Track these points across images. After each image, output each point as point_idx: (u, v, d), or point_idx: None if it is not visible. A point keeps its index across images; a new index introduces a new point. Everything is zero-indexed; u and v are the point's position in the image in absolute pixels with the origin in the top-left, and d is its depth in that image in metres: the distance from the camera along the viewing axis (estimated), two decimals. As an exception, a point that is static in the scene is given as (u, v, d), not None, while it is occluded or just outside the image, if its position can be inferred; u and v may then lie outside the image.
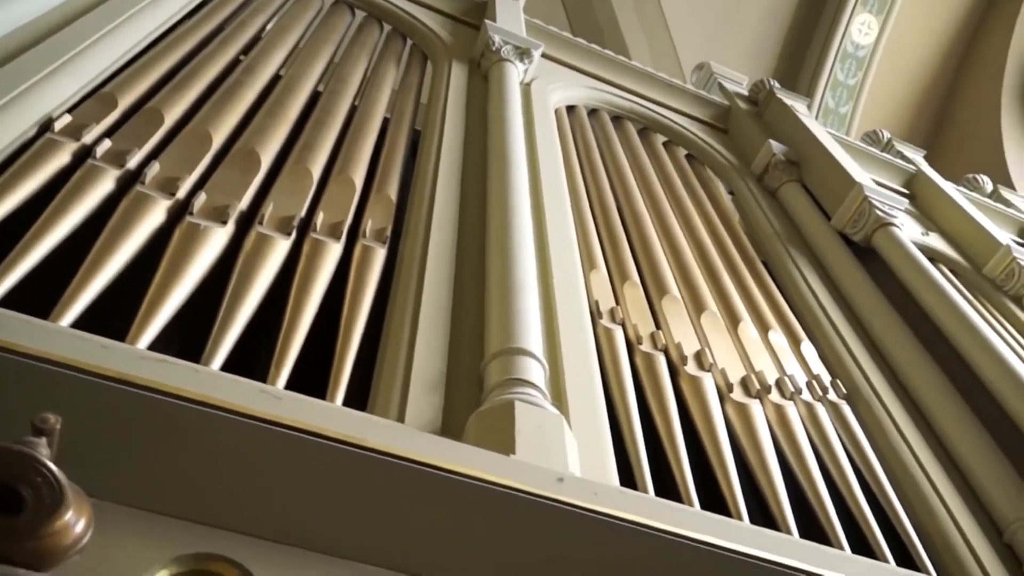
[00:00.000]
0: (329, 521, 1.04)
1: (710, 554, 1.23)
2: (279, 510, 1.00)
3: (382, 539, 1.04)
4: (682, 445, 1.87)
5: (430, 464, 1.03)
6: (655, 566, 1.20)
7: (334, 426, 1.03)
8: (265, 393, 1.05)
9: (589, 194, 3.05)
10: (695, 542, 1.19)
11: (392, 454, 1.01)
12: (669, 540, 1.17)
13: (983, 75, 8.28)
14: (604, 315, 2.21)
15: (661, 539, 1.16)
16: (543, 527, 1.08)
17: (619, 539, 1.13)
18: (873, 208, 3.34)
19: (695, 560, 1.22)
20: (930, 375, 2.59)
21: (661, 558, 1.19)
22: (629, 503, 1.12)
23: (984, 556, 2.00)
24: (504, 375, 1.56)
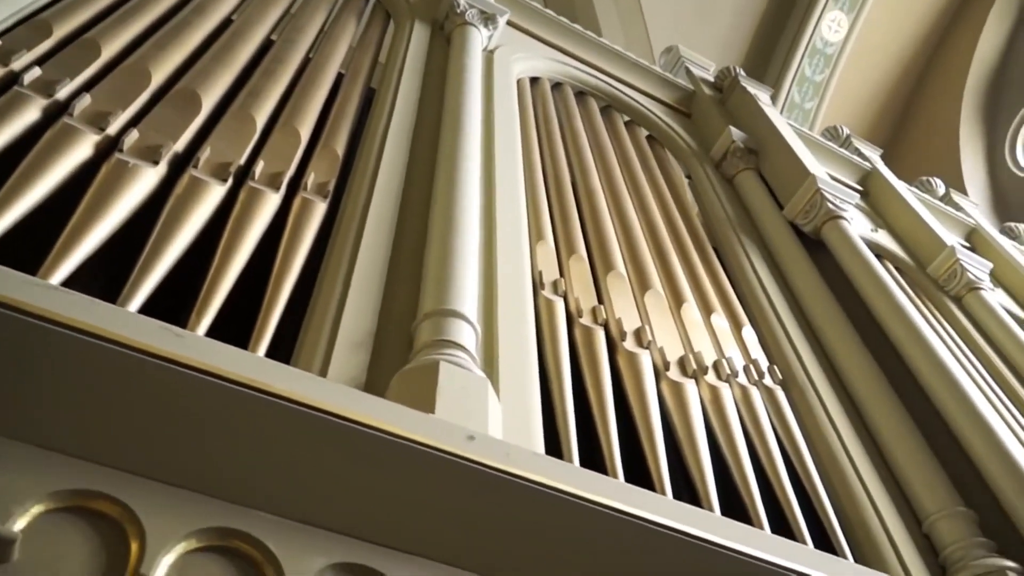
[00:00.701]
0: (231, 468, 1.01)
1: (627, 523, 1.22)
2: (174, 452, 0.97)
3: (284, 488, 1.01)
4: (612, 419, 1.87)
5: (336, 413, 1.00)
6: (571, 532, 1.19)
7: (236, 368, 0.99)
8: (165, 330, 1.00)
9: (544, 166, 3.02)
10: (611, 510, 1.18)
11: (298, 401, 0.98)
12: (585, 507, 1.16)
13: (946, 81, 8.42)
14: (547, 286, 2.19)
15: (577, 505, 1.15)
16: (454, 485, 1.06)
17: (533, 503, 1.12)
18: (824, 200, 3.36)
19: (612, 528, 1.21)
20: (865, 367, 2.63)
21: (577, 524, 1.18)
22: (542, 466, 1.10)
23: (901, 544, 2.04)
24: (434, 336, 1.53)
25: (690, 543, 1.32)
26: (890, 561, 1.97)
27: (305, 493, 1.00)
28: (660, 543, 1.27)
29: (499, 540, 1.11)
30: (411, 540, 1.05)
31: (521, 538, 1.14)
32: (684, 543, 1.30)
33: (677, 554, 1.30)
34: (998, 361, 3.29)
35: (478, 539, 1.10)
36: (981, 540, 2.06)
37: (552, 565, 1.19)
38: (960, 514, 2.11)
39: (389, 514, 1.04)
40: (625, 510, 1.17)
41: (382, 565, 1.00)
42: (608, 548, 1.24)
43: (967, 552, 2.02)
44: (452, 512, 1.08)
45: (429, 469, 1.03)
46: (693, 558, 1.34)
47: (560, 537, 1.19)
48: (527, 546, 1.15)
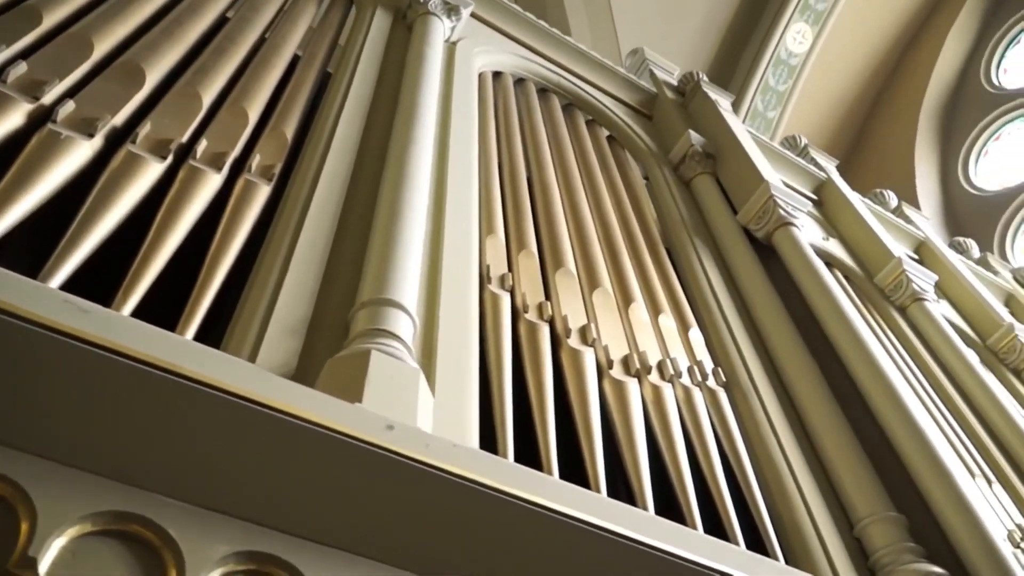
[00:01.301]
0: (132, 448, 0.97)
1: (551, 519, 1.21)
2: (69, 430, 0.93)
3: (188, 472, 0.98)
4: (551, 415, 1.87)
5: (247, 397, 0.97)
6: (494, 527, 1.18)
7: (142, 347, 0.96)
8: (68, 304, 0.97)
9: (501, 161, 3.01)
10: (535, 505, 1.17)
11: (205, 382, 0.95)
12: (507, 501, 1.15)
13: (905, 97, 8.60)
14: (494, 280, 2.18)
15: (499, 499, 1.14)
16: (372, 475, 1.04)
17: (453, 495, 1.10)
18: (777, 207, 3.40)
19: (536, 524, 1.20)
20: (808, 372, 2.66)
21: (500, 519, 1.17)
22: (463, 458, 1.09)
23: (832, 547, 2.07)
24: (369, 325, 1.51)
25: (618, 541, 1.32)
26: (820, 564, 2.00)
27: (211, 478, 0.97)
28: (586, 540, 1.27)
29: (418, 533, 1.09)
30: (325, 530, 1.03)
31: (442, 532, 1.12)
32: (611, 541, 1.30)
33: (604, 552, 1.30)
34: (938, 370, 3.37)
35: (397, 531, 1.09)
36: (910, 545, 2.10)
37: (474, 560, 1.18)
38: (891, 519, 2.15)
39: (301, 502, 1.02)
40: (549, 506, 1.16)
41: (290, 554, 0.97)
42: (533, 545, 1.23)
43: (896, 557, 2.05)
44: (369, 503, 1.06)
45: (345, 458, 1.01)
46: (621, 556, 1.34)
47: (482, 532, 1.18)
48: (448, 540, 1.13)
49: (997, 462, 3.00)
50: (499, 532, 1.19)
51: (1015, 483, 2.94)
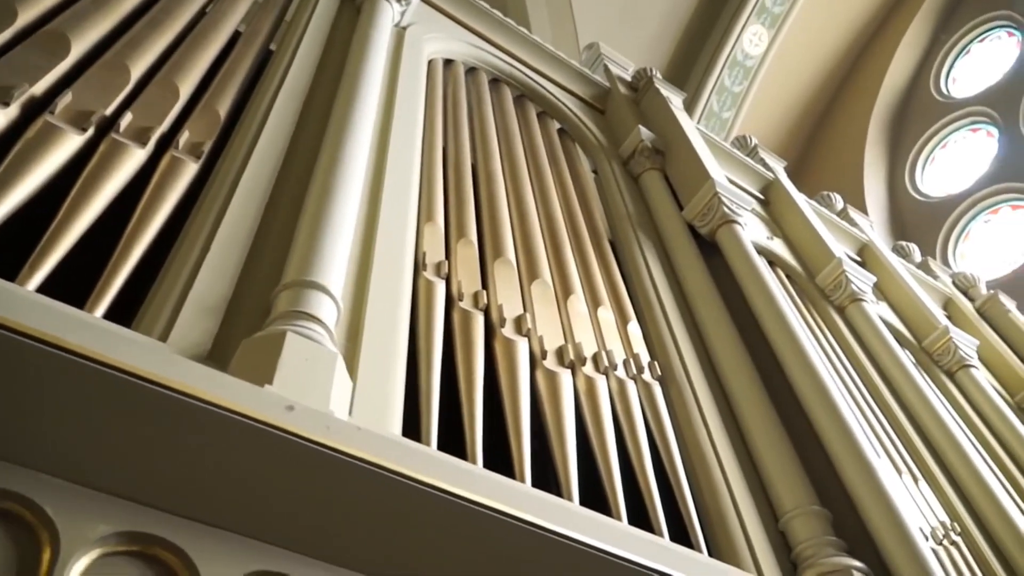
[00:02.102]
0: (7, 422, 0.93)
1: (470, 511, 1.20)
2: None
3: (69, 449, 0.94)
4: (479, 404, 1.85)
5: (140, 375, 0.94)
6: (402, 513, 1.16)
7: (40, 324, 0.92)
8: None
9: (446, 149, 2.98)
10: (451, 495, 1.15)
11: (91, 357, 0.91)
12: (413, 487, 1.13)
13: (857, 103, 8.76)
14: (429, 267, 2.16)
15: (404, 485, 1.12)
16: (271, 457, 1.02)
17: (358, 481, 1.08)
18: (722, 204, 3.44)
19: (454, 515, 1.19)
20: (743, 368, 2.69)
21: (407, 505, 1.15)
22: (367, 442, 1.07)
23: (756, 539, 2.10)
24: (290, 307, 1.48)
25: (537, 533, 1.31)
26: (743, 556, 2.03)
27: (100, 457, 0.94)
28: (503, 531, 1.26)
29: (321, 518, 1.07)
30: (220, 512, 1.00)
31: (347, 518, 1.10)
32: (529, 532, 1.29)
33: (523, 542, 1.29)
34: (871, 370, 3.44)
35: (299, 516, 1.06)
36: (832, 539, 2.13)
37: (382, 550, 1.16)
38: (815, 513, 2.19)
39: (198, 484, 0.99)
40: (462, 495, 1.15)
41: (178, 535, 0.95)
42: (447, 535, 1.21)
43: (817, 550, 2.09)
44: (270, 486, 1.04)
45: (244, 439, 0.99)
46: (541, 548, 1.34)
47: (392, 521, 1.16)
48: (354, 527, 1.11)
49: (925, 461, 3.08)
50: (410, 521, 1.17)
51: (941, 482, 3.02)
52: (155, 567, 0.91)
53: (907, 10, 8.80)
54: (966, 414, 3.92)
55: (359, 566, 1.16)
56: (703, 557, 1.86)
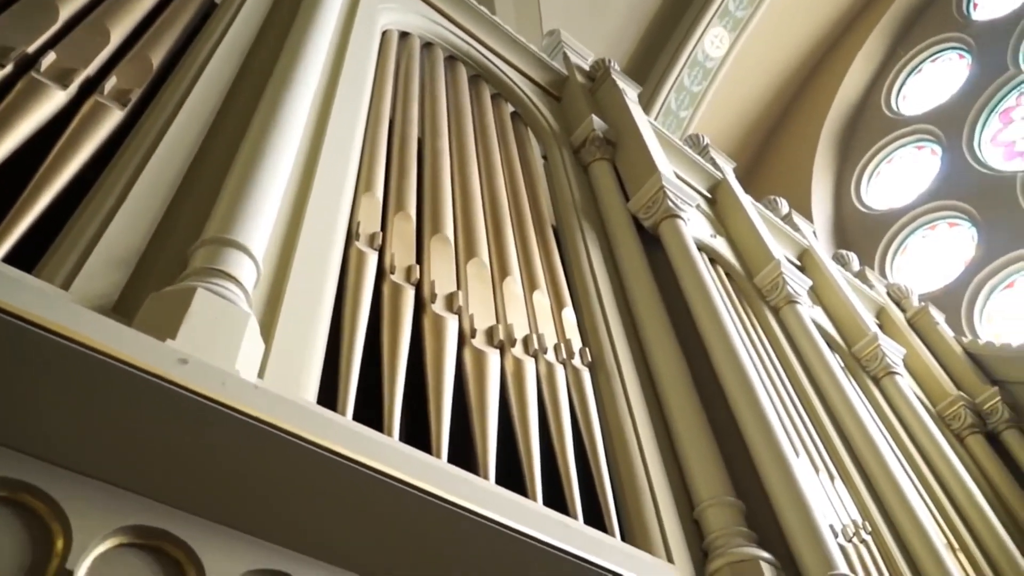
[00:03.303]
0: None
1: (378, 483, 1.18)
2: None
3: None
4: (401, 378, 1.83)
5: (39, 324, 0.90)
6: (298, 477, 1.13)
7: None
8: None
9: (393, 121, 2.94)
10: (341, 457, 1.13)
11: None
12: (307, 449, 1.11)
13: (810, 112, 8.93)
14: (362, 238, 2.12)
15: (312, 452, 1.09)
16: (162, 412, 0.98)
17: (251, 439, 1.05)
18: (667, 198, 3.46)
19: (344, 477, 1.16)
20: (674, 361, 2.71)
21: (303, 469, 1.12)
22: (268, 403, 1.04)
23: (670, 526, 2.12)
24: (205, 264, 1.43)
25: (444, 507, 1.30)
26: (656, 542, 2.04)
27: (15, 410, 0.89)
28: (401, 501, 1.24)
29: (216, 478, 1.04)
30: (104, 465, 0.97)
31: (242, 479, 1.07)
32: (439, 507, 1.28)
33: (418, 513, 1.28)
34: (800, 370, 3.51)
35: (193, 474, 1.03)
36: (743, 530, 2.17)
37: (279, 512, 1.13)
38: (729, 504, 2.22)
39: (86, 436, 0.95)
40: (361, 461, 1.13)
41: (54, 488, 0.91)
42: (345, 502, 1.19)
43: (728, 540, 2.12)
44: (166, 443, 1.01)
45: (134, 390, 0.95)
46: (449, 524, 1.32)
47: (289, 482, 1.13)
48: (249, 488, 1.08)
49: (843, 461, 3.16)
50: (312, 488, 1.14)
51: (857, 482, 3.10)
52: (19, 511, 0.87)
53: (865, 25, 8.99)
54: (888, 419, 4.04)
55: (258, 531, 1.13)
56: (614, 540, 1.87)
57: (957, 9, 8.83)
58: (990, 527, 3.67)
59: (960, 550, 3.47)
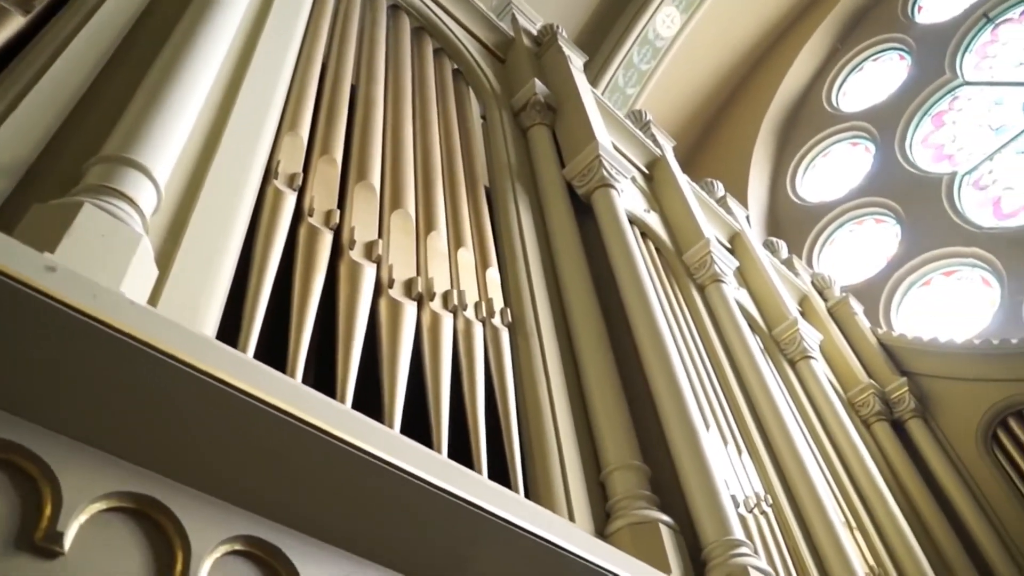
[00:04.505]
0: None
1: (257, 409, 1.13)
2: None
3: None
4: (311, 321, 1.78)
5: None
6: (185, 407, 1.08)
7: None
8: None
9: (326, 64, 2.84)
10: (227, 385, 1.08)
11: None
12: (199, 379, 1.06)
13: (754, 101, 9.05)
14: (281, 177, 2.05)
15: (185, 373, 1.04)
16: (31, 320, 0.92)
17: (121, 355, 0.99)
18: (602, 167, 3.45)
19: (242, 412, 1.12)
20: (594, 327, 2.72)
21: (189, 396, 1.07)
22: (141, 320, 0.99)
23: (574, 487, 2.13)
24: (99, 181, 1.35)
25: (342, 449, 1.27)
26: (559, 501, 2.06)
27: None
28: (284, 433, 1.19)
29: (86, 395, 0.98)
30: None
31: (111, 397, 1.01)
32: (310, 435, 1.23)
33: (299, 445, 1.23)
34: (719, 347, 3.57)
35: (58, 392, 0.97)
36: (647, 494, 2.20)
37: (150, 435, 1.07)
38: (635, 468, 2.25)
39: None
40: (232, 382, 1.07)
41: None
42: (221, 425, 1.13)
43: (631, 503, 2.15)
44: (30, 356, 0.94)
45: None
46: (339, 461, 1.29)
47: (160, 404, 1.06)
48: (119, 408, 1.03)
49: (752, 436, 3.24)
50: (188, 411, 1.08)
51: (763, 457, 3.19)
52: None
53: (812, 19, 9.13)
54: (800, 401, 4.17)
55: (127, 453, 1.07)
56: (516, 495, 1.87)
57: (902, 10, 9.04)
58: (888, 510, 3.83)
59: (857, 529, 3.61)
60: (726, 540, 2.10)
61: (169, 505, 0.99)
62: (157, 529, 0.97)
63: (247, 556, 1.04)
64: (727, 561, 2.03)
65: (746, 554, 2.06)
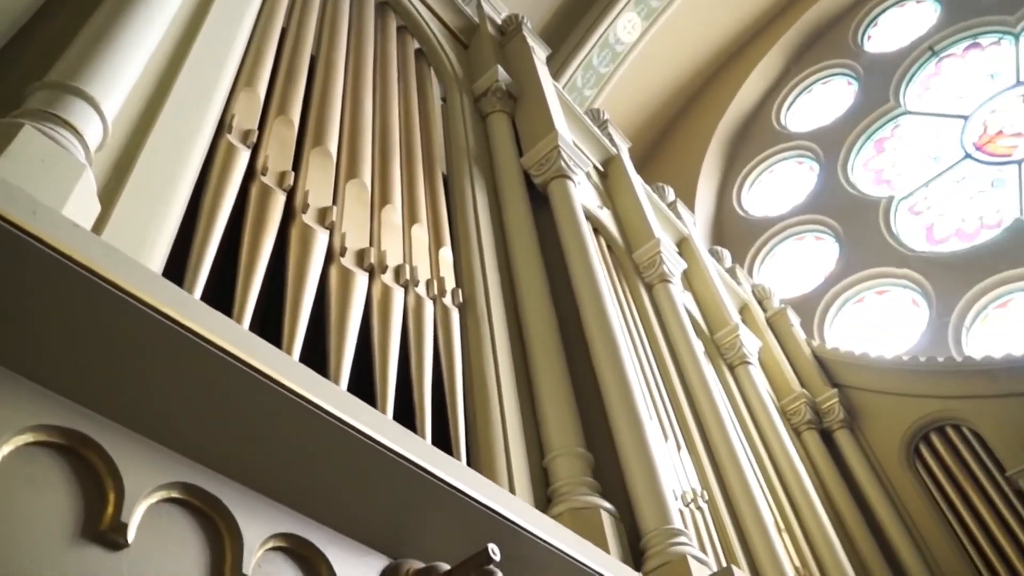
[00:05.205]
0: None
1: (189, 343, 1.06)
2: None
3: None
4: (258, 279, 1.71)
5: None
6: (120, 330, 1.00)
7: None
8: None
9: (287, 26, 2.76)
10: (168, 319, 1.01)
11: None
12: (144, 311, 0.99)
13: (707, 113, 9.21)
14: (236, 132, 1.97)
15: (123, 301, 0.97)
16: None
17: (61, 274, 0.92)
18: (560, 158, 3.44)
19: (170, 340, 1.04)
20: (544, 315, 2.70)
21: (127, 324, 1.00)
22: (82, 242, 0.92)
23: (518, 471, 2.11)
24: (42, 106, 1.27)
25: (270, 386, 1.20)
26: (502, 483, 2.03)
27: None
28: (231, 376, 1.13)
29: (21, 318, 0.91)
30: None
31: (47, 324, 0.94)
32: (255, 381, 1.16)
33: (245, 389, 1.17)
34: (664, 346, 3.60)
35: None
36: (589, 480, 2.19)
37: (84, 360, 1.00)
38: (579, 455, 2.23)
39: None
40: (174, 317, 1.00)
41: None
42: (160, 360, 1.06)
43: (573, 488, 2.13)
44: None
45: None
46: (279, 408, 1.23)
47: (101, 330, 0.99)
48: (54, 333, 0.95)
49: (691, 435, 3.26)
50: (128, 347, 1.01)
51: (701, 455, 3.21)
52: None
53: (768, 39, 9.33)
54: (737, 405, 4.23)
55: (55, 384, 0.99)
56: (462, 464, 1.83)
57: (853, 38, 9.31)
58: (815, 514, 3.92)
59: (785, 531, 3.68)
60: (665, 529, 2.10)
61: (100, 442, 0.92)
62: (85, 465, 0.90)
63: (183, 505, 0.97)
64: (666, 549, 2.03)
65: (685, 543, 2.07)
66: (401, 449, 1.32)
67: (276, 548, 1.06)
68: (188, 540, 0.95)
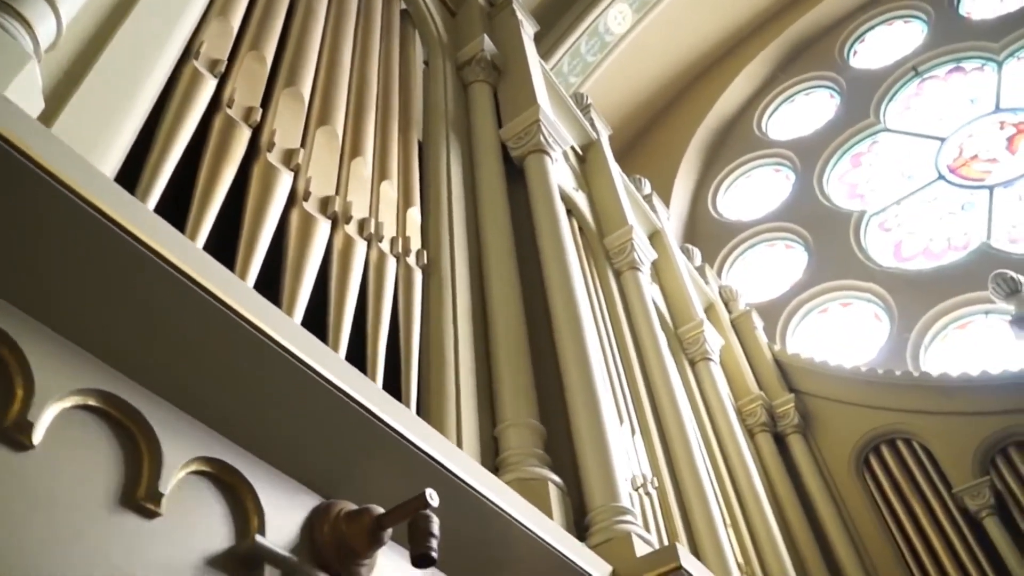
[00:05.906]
0: None
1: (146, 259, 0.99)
2: None
3: None
4: (216, 205, 1.64)
5: None
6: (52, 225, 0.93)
7: None
8: None
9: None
10: (116, 225, 0.94)
11: None
12: (96, 219, 0.92)
13: (690, 112, 9.21)
14: (202, 59, 1.88)
15: (76, 207, 0.90)
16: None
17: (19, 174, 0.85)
18: (540, 132, 3.39)
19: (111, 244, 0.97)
20: (509, 286, 2.65)
21: (58, 217, 0.93)
22: (26, 128, 0.84)
23: (467, 439, 2.06)
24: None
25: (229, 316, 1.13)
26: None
27: None
28: (181, 296, 1.06)
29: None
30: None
31: None
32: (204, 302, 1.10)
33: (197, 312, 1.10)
34: (627, 332, 3.57)
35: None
36: (540, 452, 2.15)
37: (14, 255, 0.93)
38: (531, 427, 2.19)
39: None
40: (129, 229, 0.94)
41: None
42: (114, 281, 0.99)
43: (522, 459, 2.09)
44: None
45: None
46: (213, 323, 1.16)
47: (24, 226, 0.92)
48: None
49: (647, 422, 3.24)
50: (69, 250, 0.94)
51: (655, 442, 3.19)
52: None
53: (756, 45, 9.35)
54: (695, 399, 4.22)
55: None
56: (413, 414, 1.78)
57: (839, 51, 9.37)
58: (762, 515, 3.93)
59: (731, 526, 3.68)
60: (613, 506, 2.07)
61: (15, 337, 0.84)
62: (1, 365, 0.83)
63: (100, 414, 0.91)
64: (611, 526, 1.99)
65: (631, 522, 2.03)
66: (349, 389, 1.25)
67: (199, 472, 0.99)
68: (102, 449, 0.88)
